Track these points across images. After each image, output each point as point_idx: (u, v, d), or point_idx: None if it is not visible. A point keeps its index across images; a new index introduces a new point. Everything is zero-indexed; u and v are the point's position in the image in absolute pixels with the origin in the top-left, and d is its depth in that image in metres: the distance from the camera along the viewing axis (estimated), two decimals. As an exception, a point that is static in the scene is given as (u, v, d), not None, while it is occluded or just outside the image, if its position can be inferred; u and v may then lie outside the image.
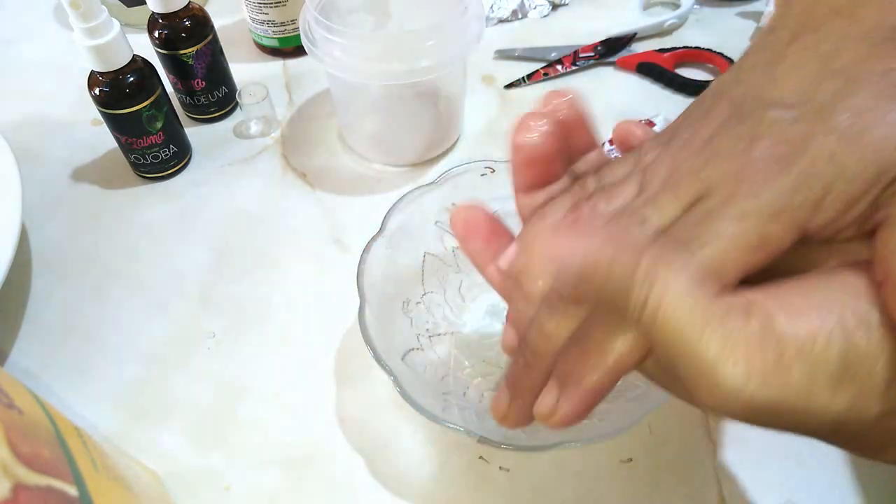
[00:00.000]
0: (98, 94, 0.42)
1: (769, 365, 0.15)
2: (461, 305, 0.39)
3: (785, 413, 0.16)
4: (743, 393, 0.16)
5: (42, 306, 0.42)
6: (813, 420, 0.16)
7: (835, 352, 0.15)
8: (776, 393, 0.15)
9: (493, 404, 0.23)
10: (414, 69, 0.40)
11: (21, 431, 0.21)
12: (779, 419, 0.16)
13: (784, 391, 0.15)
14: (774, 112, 0.18)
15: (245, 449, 0.35)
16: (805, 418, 0.16)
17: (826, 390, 0.15)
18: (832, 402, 0.15)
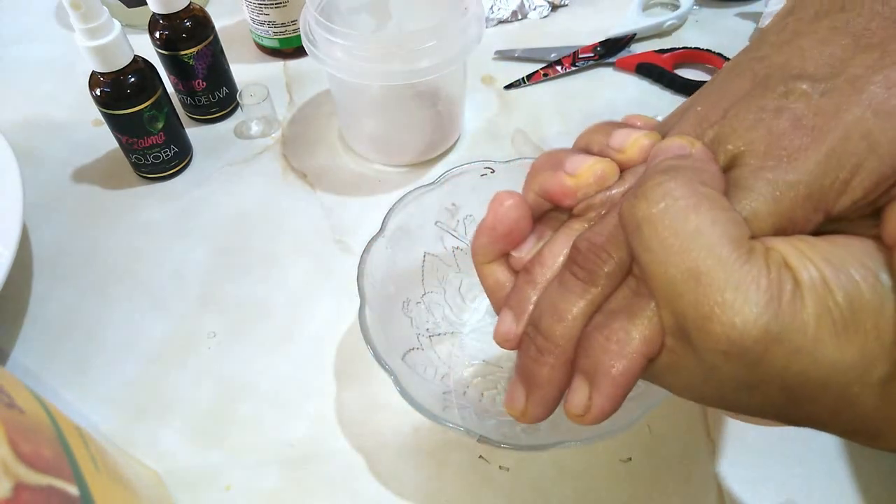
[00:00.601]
0: (99, 95, 0.42)
1: (786, 297, 0.15)
2: (461, 305, 0.39)
3: (793, 354, 0.15)
4: (759, 319, 0.15)
5: (43, 306, 0.42)
6: (817, 371, 0.16)
7: (842, 297, 0.15)
8: (788, 328, 0.15)
9: (506, 401, 0.21)
10: (414, 70, 0.40)
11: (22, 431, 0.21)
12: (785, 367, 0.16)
13: (796, 328, 0.15)
14: (803, 84, 0.17)
15: (245, 448, 0.35)
16: (810, 367, 0.16)
17: (833, 337, 0.15)
18: (838, 351, 0.15)
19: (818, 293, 0.15)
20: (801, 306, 0.15)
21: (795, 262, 0.16)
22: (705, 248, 0.16)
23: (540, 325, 0.20)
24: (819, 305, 0.15)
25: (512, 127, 0.51)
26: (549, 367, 0.19)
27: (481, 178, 0.37)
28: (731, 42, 0.56)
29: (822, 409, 0.17)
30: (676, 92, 0.52)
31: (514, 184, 0.23)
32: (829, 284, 0.16)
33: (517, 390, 0.21)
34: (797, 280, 0.16)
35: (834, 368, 0.16)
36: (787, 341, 0.15)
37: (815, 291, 0.15)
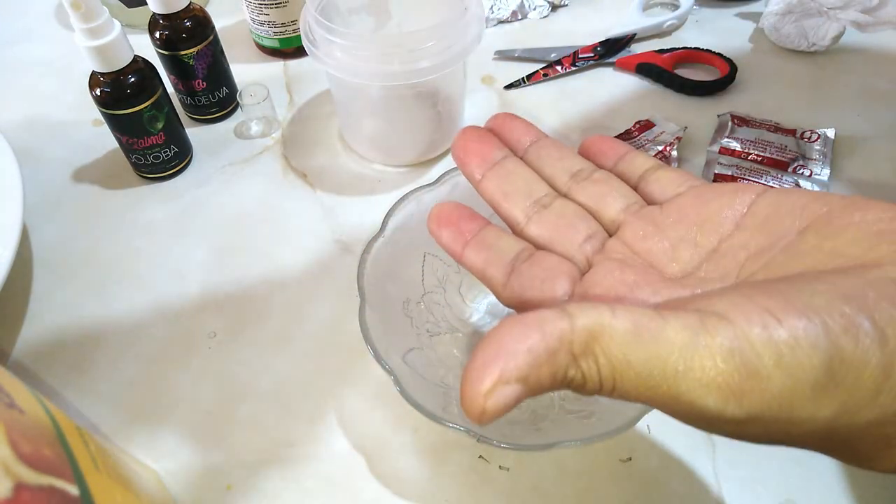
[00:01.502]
0: (99, 95, 0.42)
1: (745, 382, 0.14)
2: (461, 305, 0.39)
3: (771, 425, 0.15)
4: (724, 415, 0.15)
5: (43, 306, 0.42)
6: (800, 430, 0.15)
7: (818, 359, 0.14)
8: (757, 408, 0.15)
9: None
10: (414, 70, 0.40)
11: (22, 431, 0.21)
12: (766, 433, 0.16)
13: (764, 405, 0.15)
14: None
15: (245, 448, 0.35)
16: (791, 429, 0.15)
17: (810, 400, 0.14)
18: (818, 410, 0.15)
19: (785, 361, 0.14)
20: (765, 382, 0.14)
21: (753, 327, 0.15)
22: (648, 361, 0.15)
23: None
24: (788, 376, 0.14)
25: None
26: None
27: (481, 178, 0.37)
28: (731, 42, 0.56)
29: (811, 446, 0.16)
30: (676, 92, 0.52)
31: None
32: (800, 345, 0.14)
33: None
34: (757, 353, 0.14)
35: (814, 425, 0.15)
36: (759, 418, 0.15)
37: (781, 360, 0.14)
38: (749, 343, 0.15)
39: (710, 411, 0.15)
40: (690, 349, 0.15)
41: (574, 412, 0.34)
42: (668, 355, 0.15)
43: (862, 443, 0.16)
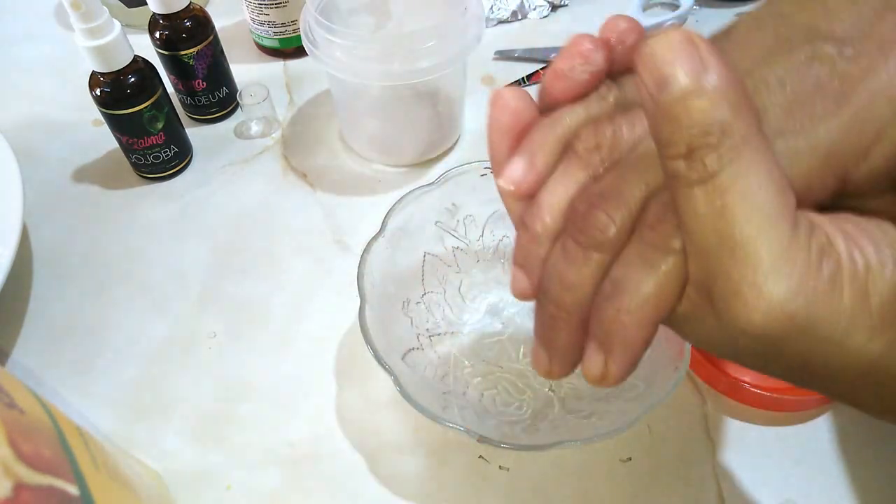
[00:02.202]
0: (99, 95, 0.42)
1: (822, 284, 0.14)
2: (461, 305, 0.39)
3: (819, 342, 0.15)
4: (788, 306, 0.14)
5: (43, 306, 0.42)
6: (843, 359, 0.15)
7: (887, 287, 0.14)
8: (821, 314, 0.14)
9: (533, 360, 0.21)
10: (414, 70, 0.40)
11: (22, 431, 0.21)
12: (809, 350, 0.15)
13: (829, 314, 0.15)
14: (829, 46, 0.17)
15: (246, 448, 0.35)
16: (836, 354, 0.15)
17: (867, 329, 0.15)
18: (869, 342, 0.15)
19: (860, 281, 0.15)
20: (838, 295, 0.14)
21: (841, 245, 0.15)
22: (746, 220, 0.15)
23: (549, 294, 0.19)
24: (858, 295, 0.15)
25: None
26: (565, 333, 0.19)
27: (481, 178, 0.37)
28: (731, 42, 0.56)
29: (840, 387, 0.16)
30: (676, 92, 0.52)
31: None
32: (872, 272, 0.15)
33: (539, 351, 0.21)
34: (839, 264, 0.15)
35: (860, 358, 0.15)
36: (814, 331, 0.15)
37: (857, 279, 0.15)
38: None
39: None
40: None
41: (574, 412, 0.34)
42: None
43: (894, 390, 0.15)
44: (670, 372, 0.30)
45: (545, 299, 0.19)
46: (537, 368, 0.21)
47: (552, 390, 0.35)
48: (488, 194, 0.37)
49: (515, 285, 0.21)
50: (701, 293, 0.17)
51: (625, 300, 0.17)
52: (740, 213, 0.15)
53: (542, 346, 0.20)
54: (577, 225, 0.18)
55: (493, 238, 0.39)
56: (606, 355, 0.18)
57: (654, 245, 0.17)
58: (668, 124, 0.15)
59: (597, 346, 0.19)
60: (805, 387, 0.18)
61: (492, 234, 0.39)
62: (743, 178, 0.15)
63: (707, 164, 0.15)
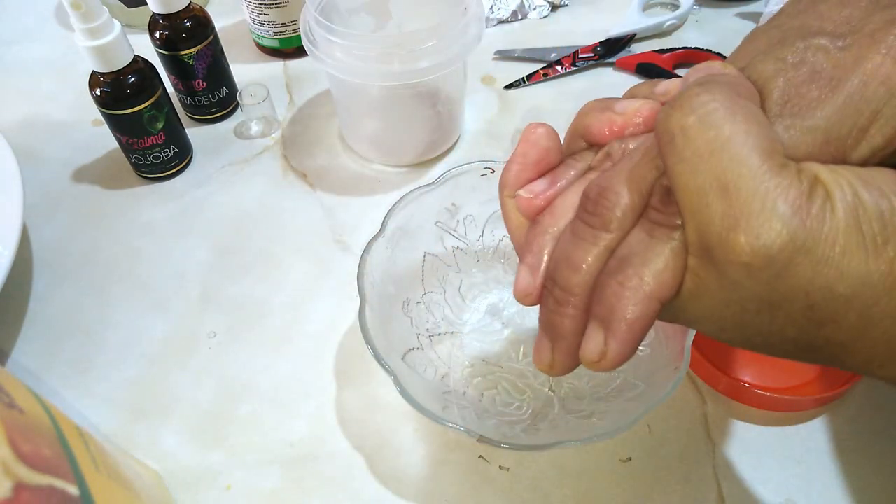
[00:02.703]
0: (99, 95, 0.42)
1: (815, 208, 0.15)
2: (461, 305, 0.39)
3: (819, 266, 0.15)
4: (784, 230, 0.15)
5: (43, 306, 0.42)
6: (840, 285, 0.15)
7: (874, 211, 0.15)
8: (816, 238, 0.15)
9: (534, 355, 0.21)
10: (414, 70, 0.40)
11: (22, 431, 0.21)
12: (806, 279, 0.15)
13: (824, 237, 0.15)
14: (822, 39, 0.17)
15: (245, 448, 0.35)
16: (833, 281, 0.15)
17: (862, 251, 0.15)
18: (866, 265, 0.15)
19: (849, 206, 0.15)
20: (830, 217, 0.15)
21: (828, 177, 0.16)
22: (736, 157, 0.16)
23: (556, 276, 0.20)
24: (849, 217, 0.15)
25: (512, 127, 0.51)
26: (570, 318, 0.19)
27: (481, 178, 0.37)
28: (731, 42, 0.56)
29: (844, 331, 0.16)
30: (676, 92, 0.52)
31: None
32: (860, 198, 0.15)
33: (543, 344, 0.21)
34: (828, 192, 0.15)
35: (860, 283, 0.15)
36: (813, 252, 0.15)
37: (846, 203, 0.15)
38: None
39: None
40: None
41: (574, 412, 0.34)
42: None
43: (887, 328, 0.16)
44: (670, 372, 0.30)
45: (551, 285, 0.20)
46: (538, 363, 0.21)
47: (552, 390, 0.35)
48: (488, 194, 0.37)
49: (519, 283, 0.21)
50: (701, 257, 0.17)
51: (628, 273, 0.18)
52: (726, 155, 0.16)
53: (545, 336, 0.21)
54: (586, 206, 0.19)
55: (493, 238, 0.39)
56: (606, 333, 0.18)
57: (659, 223, 0.18)
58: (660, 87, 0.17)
59: (597, 324, 0.19)
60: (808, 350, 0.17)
61: (492, 234, 0.39)
62: (725, 125, 0.16)
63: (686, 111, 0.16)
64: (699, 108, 0.16)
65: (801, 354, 0.18)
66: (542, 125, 0.22)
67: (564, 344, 0.20)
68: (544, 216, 0.21)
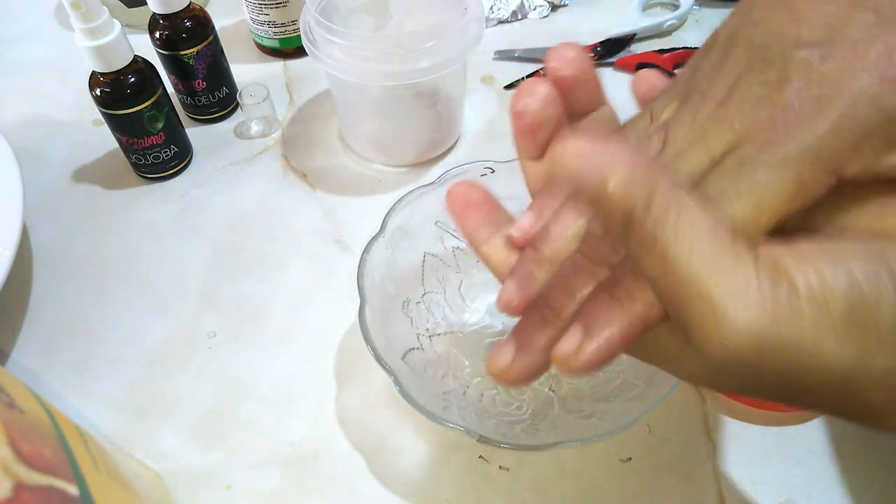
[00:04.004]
0: (99, 95, 0.42)
1: (780, 304, 0.15)
2: (461, 305, 0.39)
3: (792, 360, 0.16)
4: (752, 327, 0.15)
5: (43, 306, 0.42)
6: (818, 372, 0.16)
7: (843, 300, 0.15)
8: (785, 333, 0.15)
9: (491, 358, 0.21)
10: (414, 70, 0.40)
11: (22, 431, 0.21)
12: (785, 369, 0.16)
13: (793, 332, 0.15)
14: (802, 52, 0.17)
15: (245, 448, 0.35)
16: (811, 368, 0.16)
17: (833, 339, 0.15)
18: (839, 350, 0.15)
19: (815, 295, 0.15)
20: (797, 311, 0.15)
21: (790, 264, 0.16)
22: (693, 266, 0.16)
23: (550, 297, 0.20)
24: (817, 308, 0.15)
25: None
26: (547, 337, 0.20)
27: (481, 178, 0.37)
28: (731, 42, 0.56)
29: (825, 400, 0.17)
30: (676, 92, 0.52)
31: (514, 184, 0.23)
32: (827, 282, 0.15)
33: (506, 349, 0.21)
34: (792, 283, 0.16)
35: (834, 367, 0.16)
36: (784, 348, 0.15)
37: (812, 293, 0.15)
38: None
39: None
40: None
41: (574, 412, 0.34)
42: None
43: (875, 394, 0.16)
44: (670, 372, 0.30)
45: (543, 303, 0.20)
46: (493, 365, 0.21)
47: (552, 390, 0.35)
48: (488, 194, 0.37)
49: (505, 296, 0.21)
50: (678, 330, 0.18)
51: (620, 288, 0.19)
52: (682, 260, 0.16)
53: (514, 343, 0.21)
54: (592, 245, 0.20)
55: (493, 238, 0.39)
56: (585, 336, 0.19)
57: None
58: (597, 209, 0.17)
59: (580, 327, 0.19)
60: (799, 405, 0.18)
61: (492, 234, 0.39)
62: (675, 236, 0.16)
63: (641, 239, 0.16)
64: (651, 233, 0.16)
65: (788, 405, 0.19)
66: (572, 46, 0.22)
67: (529, 358, 0.21)
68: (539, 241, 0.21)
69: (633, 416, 0.29)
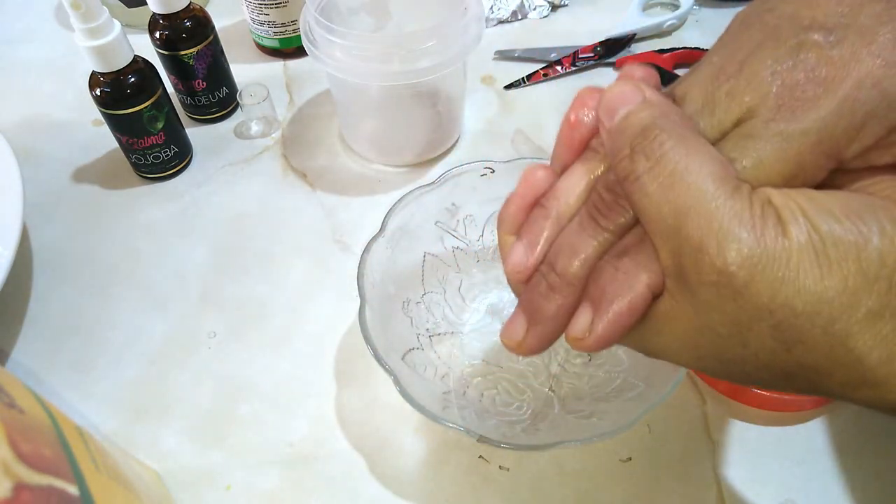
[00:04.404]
0: (99, 95, 0.42)
1: (769, 228, 0.16)
2: (461, 305, 0.39)
3: (777, 284, 0.16)
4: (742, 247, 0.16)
5: (43, 306, 0.42)
6: (804, 304, 0.16)
7: (826, 232, 0.16)
8: (770, 254, 0.16)
9: (504, 332, 0.22)
10: (414, 70, 0.40)
11: (22, 431, 0.21)
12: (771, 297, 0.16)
13: (777, 255, 0.16)
14: (814, 35, 0.18)
15: (245, 448, 0.35)
16: (795, 298, 0.16)
17: (815, 267, 0.16)
18: (821, 281, 0.16)
19: (800, 226, 0.16)
20: (782, 237, 0.16)
21: (779, 201, 0.17)
22: (693, 187, 0.17)
23: (556, 263, 0.20)
24: (801, 237, 0.16)
25: (512, 127, 0.51)
26: (557, 304, 0.20)
27: (481, 178, 0.37)
28: (731, 42, 0.56)
29: (812, 352, 0.17)
30: (676, 92, 0.52)
31: (514, 184, 0.23)
32: (811, 220, 0.16)
33: (518, 323, 0.22)
34: (780, 215, 0.17)
35: (818, 300, 0.16)
36: (769, 269, 0.16)
37: (798, 224, 0.16)
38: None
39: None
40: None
41: (574, 412, 0.34)
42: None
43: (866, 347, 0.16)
44: (670, 372, 0.30)
45: (548, 270, 0.21)
46: (508, 339, 0.22)
47: (552, 390, 0.35)
48: (488, 194, 0.37)
49: (513, 258, 0.22)
50: (676, 280, 0.18)
51: (625, 260, 0.19)
52: (686, 183, 0.17)
53: (524, 316, 0.21)
54: (598, 206, 0.20)
55: (493, 238, 0.39)
56: (595, 314, 0.20)
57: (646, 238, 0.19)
58: (615, 137, 0.19)
59: (589, 304, 0.20)
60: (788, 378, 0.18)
61: (492, 235, 0.39)
62: (682, 159, 0.17)
63: (648, 155, 0.18)
64: (658, 149, 0.18)
65: (779, 383, 0.18)
66: (542, 167, 0.23)
67: (541, 328, 0.21)
68: (547, 198, 0.22)
69: (633, 416, 0.29)
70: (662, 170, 0.18)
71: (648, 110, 0.19)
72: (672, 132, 0.18)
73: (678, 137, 0.18)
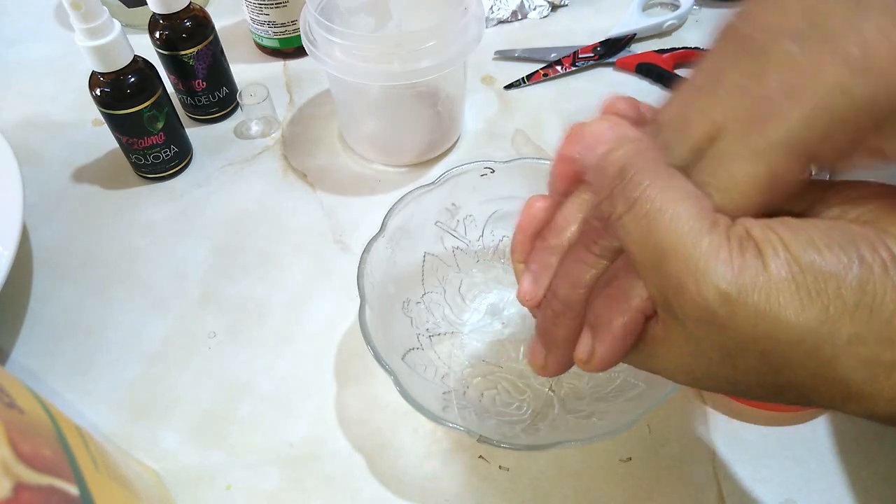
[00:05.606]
0: (99, 95, 0.42)
1: (747, 267, 0.17)
2: (461, 305, 0.39)
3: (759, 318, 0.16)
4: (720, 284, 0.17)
5: (43, 306, 0.42)
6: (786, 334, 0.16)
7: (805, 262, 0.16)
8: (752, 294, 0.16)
9: (529, 357, 0.24)
10: (414, 70, 0.40)
11: (22, 431, 0.21)
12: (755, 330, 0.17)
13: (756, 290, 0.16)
14: (784, 43, 0.18)
15: (245, 448, 0.35)
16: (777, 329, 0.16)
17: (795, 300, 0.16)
18: (802, 312, 0.16)
19: (780, 259, 0.16)
20: (761, 271, 0.16)
21: (759, 233, 0.17)
22: (671, 227, 0.17)
23: (558, 290, 0.22)
24: (781, 270, 0.16)
25: (512, 127, 0.51)
26: (564, 328, 0.22)
27: (481, 178, 0.37)
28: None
29: (800, 374, 0.17)
30: (676, 92, 0.52)
31: (514, 184, 0.24)
32: (791, 251, 0.17)
33: (538, 348, 0.23)
34: (759, 248, 0.17)
35: (801, 329, 0.16)
36: (750, 303, 0.16)
37: (777, 257, 0.16)
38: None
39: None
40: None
41: (574, 412, 0.34)
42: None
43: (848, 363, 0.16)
44: (670, 372, 0.30)
45: (552, 297, 0.22)
46: (532, 364, 0.23)
47: (552, 390, 0.35)
48: (488, 194, 0.37)
49: (523, 287, 0.23)
50: (664, 308, 0.19)
51: (615, 286, 0.20)
52: (663, 223, 0.18)
53: (541, 342, 0.23)
54: (591, 236, 0.21)
55: (493, 238, 0.39)
56: (594, 338, 0.21)
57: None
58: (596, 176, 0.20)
59: (588, 330, 0.21)
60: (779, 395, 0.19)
61: (492, 234, 0.39)
62: (658, 197, 0.18)
63: (626, 197, 0.18)
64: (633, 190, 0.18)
65: (772, 398, 0.19)
66: (540, 198, 0.24)
67: (557, 351, 0.22)
68: (547, 232, 0.23)
69: (633, 416, 0.29)
70: (639, 210, 0.18)
71: (623, 149, 0.19)
72: (647, 171, 0.18)
73: (653, 176, 0.18)
